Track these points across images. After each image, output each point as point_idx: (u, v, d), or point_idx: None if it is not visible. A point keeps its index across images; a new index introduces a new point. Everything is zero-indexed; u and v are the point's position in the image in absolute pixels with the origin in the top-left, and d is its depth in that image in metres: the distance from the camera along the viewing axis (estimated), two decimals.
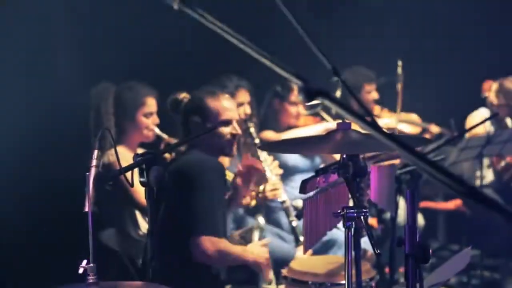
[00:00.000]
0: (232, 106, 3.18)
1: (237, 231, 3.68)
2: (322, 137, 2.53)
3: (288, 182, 4.62)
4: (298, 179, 3.07)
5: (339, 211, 2.46)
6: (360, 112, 1.29)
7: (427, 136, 5.31)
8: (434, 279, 2.58)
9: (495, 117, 5.13)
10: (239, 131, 3.20)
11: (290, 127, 4.76)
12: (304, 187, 2.64)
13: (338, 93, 4.99)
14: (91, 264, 1.93)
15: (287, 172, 4.63)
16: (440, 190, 5.72)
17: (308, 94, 1.25)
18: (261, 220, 4.14)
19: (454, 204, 5.58)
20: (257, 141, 4.20)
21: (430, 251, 1.83)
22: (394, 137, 1.30)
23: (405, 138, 3.14)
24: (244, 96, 4.27)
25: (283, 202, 4.11)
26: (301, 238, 3.92)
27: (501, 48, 5.94)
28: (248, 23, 3.70)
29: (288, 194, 4.75)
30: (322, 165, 4.13)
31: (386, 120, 5.39)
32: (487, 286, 5.05)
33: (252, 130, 4.20)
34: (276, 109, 4.74)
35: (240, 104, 4.16)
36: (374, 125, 1.31)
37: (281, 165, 4.61)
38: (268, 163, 4.05)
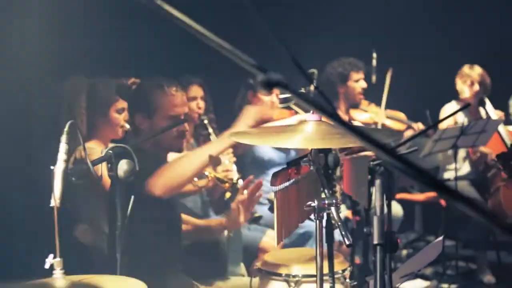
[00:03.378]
0: (180, 101, 3.11)
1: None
2: (293, 129, 2.52)
3: (264, 176, 4.62)
4: None
5: (310, 203, 2.45)
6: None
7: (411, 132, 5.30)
8: (407, 269, 2.59)
9: (467, 108, 5.18)
10: (187, 128, 3.16)
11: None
12: (275, 180, 2.63)
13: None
14: (58, 259, 1.92)
15: (263, 166, 4.63)
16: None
17: (267, 85, 1.24)
18: None
19: (430, 195, 5.61)
20: (210, 131, 4.31)
21: (399, 240, 1.84)
22: (359, 130, 1.29)
23: (375, 131, 3.15)
24: (196, 90, 4.32)
25: (235, 182, 4.08)
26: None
27: (477, 38, 5.99)
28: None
29: (264, 188, 4.75)
30: None
31: (371, 115, 5.38)
32: (462, 276, 5.09)
33: (206, 122, 4.29)
34: (250, 101, 4.74)
35: (193, 99, 4.23)
36: (337, 118, 1.31)
37: (257, 159, 4.61)
38: None
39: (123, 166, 2.42)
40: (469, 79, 5.32)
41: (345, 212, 4.75)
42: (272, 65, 1.26)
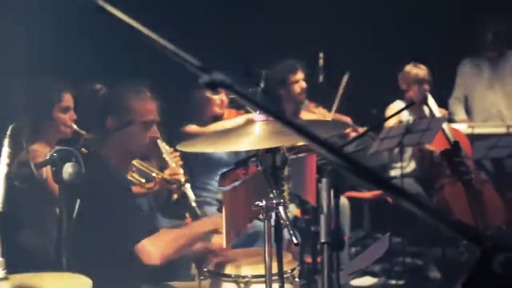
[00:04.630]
0: (153, 107, 3.10)
1: None
2: (241, 131, 2.52)
3: (213, 176, 4.62)
4: None
5: (258, 202, 2.46)
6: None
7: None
8: (354, 267, 2.62)
9: (411, 107, 5.28)
10: (158, 134, 3.13)
11: (215, 118, 4.75)
12: (223, 180, 2.63)
13: (262, 85, 4.98)
14: (0, 259, 1.89)
15: (213, 166, 4.63)
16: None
17: (210, 85, 1.24)
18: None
19: (377, 193, 5.68)
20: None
21: (345, 238, 1.85)
22: (304, 129, 1.29)
23: (320, 124, 3.16)
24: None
25: (182, 184, 4.05)
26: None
27: (420, 38, 6.09)
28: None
29: (214, 188, 4.75)
30: None
31: (318, 117, 5.41)
32: (409, 272, 5.17)
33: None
34: (199, 101, 4.72)
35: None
36: (280, 117, 1.31)
37: (206, 159, 4.60)
38: (167, 152, 4.04)
39: (68, 169, 2.38)
40: (412, 78, 5.41)
41: (294, 211, 4.78)
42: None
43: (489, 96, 5.93)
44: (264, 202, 2.44)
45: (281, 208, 2.45)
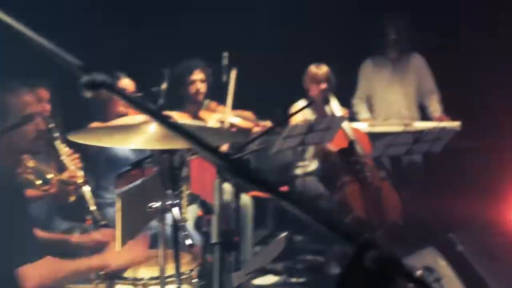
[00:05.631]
0: (33, 100, 3.03)
1: None
2: (136, 129, 2.48)
3: None
4: None
5: (153, 204, 2.44)
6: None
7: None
8: (250, 267, 2.64)
9: (313, 106, 5.38)
10: (43, 126, 3.06)
11: (120, 117, 4.67)
12: (119, 181, 2.58)
13: (165, 85, 4.95)
14: None
15: (117, 165, 4.53)
16: (269, 178, 5.84)
17: (91, 86, 1.21)
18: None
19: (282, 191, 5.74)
20: (56, 135, 4.13)
21: (237, 238, 1.86)
22: (187, 131, 1.28)
23: (213, 131, 3.16)
24: (43, 93, 4.17)
25: (80, 186, 3.97)
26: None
27: (323, 38, 6.21)
28: None
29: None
30: None
31: (219, 115, 5.39)
32: (311, 270, 5.25)
33: (52, 125, 4.11)
34: (102, 99, 4.62)
35: (39, 101, 4.07)
36: (162, 119, 1.30)
37: (111, 158, 4.51)
38: (66, 154, 3.94)
39: None
40: (316, 77, 5.50)
41: (197, 211, 4.76)
42: None
43: (390, 96, 6.11)
44: (159, 204, 2.42)
45: (175, 209, 2.43)
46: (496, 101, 6.32)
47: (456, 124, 5.72)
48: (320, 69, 5.51)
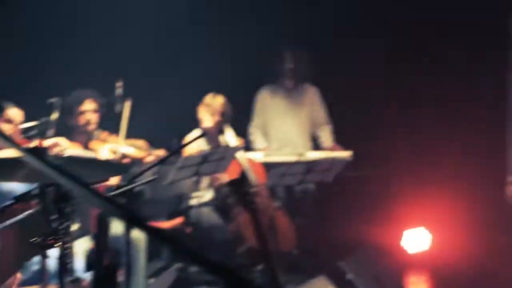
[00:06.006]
0: None
1: None
2: (15, 162, 2.41)
3: None
4: None
5: (35, 239, 2.36)
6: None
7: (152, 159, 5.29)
8: None
9: (208, 136, 5.40)
10: None
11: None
12: (1, 216, 2.49)
13: (55, 115, 4.83)
14: None
15: (1, 198, 4.37)
16: (163, 209, 5.81)
17: None
18: None
19: (176, 222, 5.69)
20: None
21: (117, 274, 1.83)
22: (58, 168, 1.26)
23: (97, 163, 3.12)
24: None
25: None
26: None
27: (220, 65, 6.25)
28: None
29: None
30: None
31: (111, 145, 5.30)
32: None
33: None
34: None
35: None
36: (32, 153, 1.27)
37: None
38: None
39: None
40: (210, 108, 5.52)
41: (89, 244, 4.64)
42: None
43: (284, 125, 6.20)
44: (41, 239, 2.34)
45: (61, 244, 2.37)
46: (387, 132, 6.56)
47: (347, 154, 5.88)
48: (216, 100, 5.53)
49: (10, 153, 4.42)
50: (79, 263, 3.87)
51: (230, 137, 5.54)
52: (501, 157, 5.03)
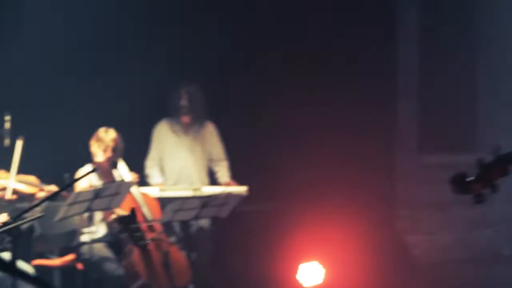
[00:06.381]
0: None
1: None
2: None
3: None
4: None
5: None
6: None
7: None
8: None
9: (99, 171, 5.31)
10: None
11: None
12: None
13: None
14: None
15: None
16: (55, 245, 5.64)
17: None
18: None
19: (66, 259, 5.55)
20: None
21: None
22: None
23: None
24: None
25: None
26: None
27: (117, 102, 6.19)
28: None
29: None
30: None
31: (0, 181, 5.13)
32: None
33: None
34: None
35: None
36: None
37: None
38: None
39: None
40: (103, 143, 5.40)
41: None
42: None
43: (180, 160, 6.17)
44: None
45: None
46: (281, 167, 6.66)
47: (243, 189, 5.91)
48: (107, 134, 5.43)
49: None
50: None
51: (123, 171, 5.45)
52: (390, 192, 5.21)
